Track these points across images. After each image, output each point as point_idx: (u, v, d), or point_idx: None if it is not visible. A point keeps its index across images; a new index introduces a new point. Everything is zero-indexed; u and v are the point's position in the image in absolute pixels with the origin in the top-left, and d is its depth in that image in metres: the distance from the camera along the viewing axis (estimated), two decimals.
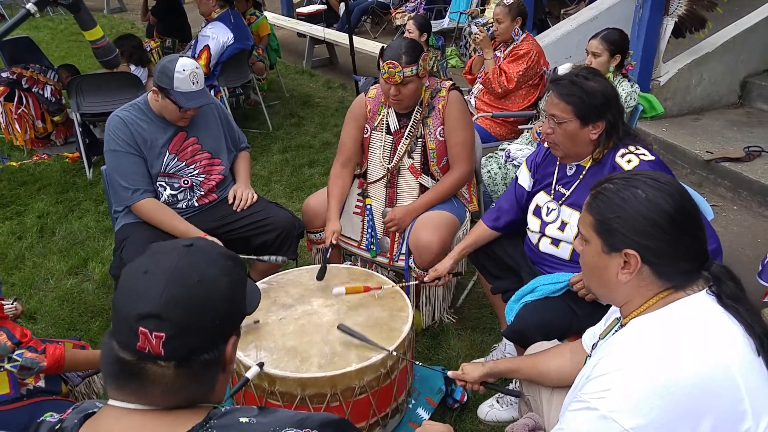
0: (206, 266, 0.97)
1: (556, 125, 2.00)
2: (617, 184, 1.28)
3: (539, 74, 3.96)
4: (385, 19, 9.36)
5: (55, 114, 5.05)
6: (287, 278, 2.38)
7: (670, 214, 1.21)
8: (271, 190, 4.47)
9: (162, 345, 0.90)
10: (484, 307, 3.01)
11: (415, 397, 2.30)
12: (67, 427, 0.97)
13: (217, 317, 0.95)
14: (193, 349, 0.93)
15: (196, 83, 2.51)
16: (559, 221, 2.13)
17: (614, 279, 1.27)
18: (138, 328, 0.90)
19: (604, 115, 1.96)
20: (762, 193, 3.93)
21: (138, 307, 0.91)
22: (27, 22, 10.54)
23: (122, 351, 0.92)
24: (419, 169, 2.73)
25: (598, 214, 1.29)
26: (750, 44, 5.16)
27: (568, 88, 1.96)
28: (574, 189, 2.10)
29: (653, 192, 1.23)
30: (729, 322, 1.18)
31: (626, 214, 1.23)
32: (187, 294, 0.93)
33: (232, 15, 5.12)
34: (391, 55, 2.51)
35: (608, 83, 2.01)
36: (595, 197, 1.31)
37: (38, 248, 3.72)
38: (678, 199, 1.23)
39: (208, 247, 1.03)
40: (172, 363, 0.92)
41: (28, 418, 1.79)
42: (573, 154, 2.07)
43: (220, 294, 0.96)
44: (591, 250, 1.31)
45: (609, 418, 1.12)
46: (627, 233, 1.23)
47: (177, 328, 0.91)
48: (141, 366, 0.91)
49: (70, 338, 2.45)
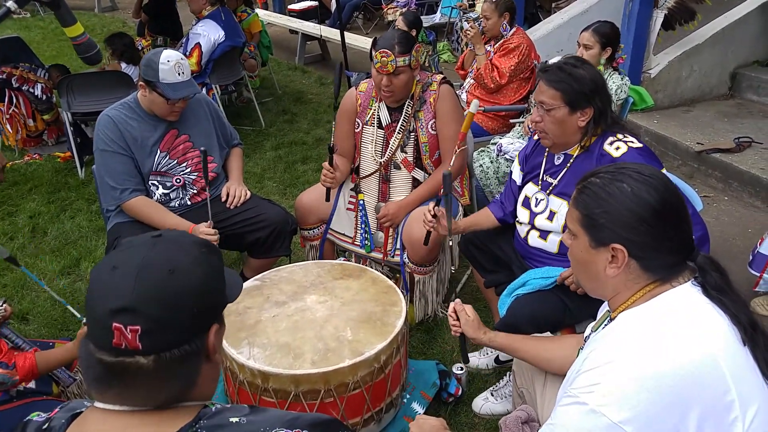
0: (177, 255, 0.95)
1: (545, 112, 2.01)
2: (603, 178, 1.28)
3: (530, 68, 3.97)
4: (376, 14, 9.34)
5: (45, 112, 5.03)
6: (280, 275, 2.38)
7: (654, 207, 1.21)
8: (264, 187, 4.46)
9: (138, 338, 0.88)
10: (477, 300, 3.01)
11: (410, 391, 2.31)
12: (54, 427, 0.96)
13: (195, 306, 0.93)
14: (171, 341, 0.91)
15: (181, 74, 2.51)
16: (548, 211, 2.13)
17: (602, 273, 1.28)
18: (111, 324, 0.88)
19: (593, 102, 1.97)
20: (752, 183, 3.95)
21: (109, 303, 0.89)
22: (17, 22, 10.49)
23: (100, 352, 0.90)
24: (412, 163, 2.73)
25: (584, 209, 1.29)
26: (739, 36, 5.18)
27: (556, 75, 1.98)
28: (561, 177, 2.10)
29: (638, 186, 1.23)
30: (714, 313, 1.19)
31: (612, 208, 1.23)
32: (159, 285, 0.90)
33: (223, 12, 5.10)
34: (384, 45, 2.51)
35: (596, 71, 2.02)
36: (581, 192, 1.31)
37: (30, 248, 3.70)
38: (662, 192, 1.23)
39: (179, 236, 1.00)
40: (151, 357, 0.89)
41: (18, 419, 1.79)
42: (562, 143, 2.07)
43: (195, 282, 0.94)
44: (579, 244, 1.32)
45: (598, 412, 1.13)
46: (613, 228, 1.23)
47: (152, 320, 0.89)
48: (120, 364, 0.89)
49: (63, 338, 2.44)
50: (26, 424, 1.00)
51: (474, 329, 1.85)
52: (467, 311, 1.87)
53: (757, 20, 5.24)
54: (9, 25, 10.26)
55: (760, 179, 3.89)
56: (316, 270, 2.41)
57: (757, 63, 5.36)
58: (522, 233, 2.24)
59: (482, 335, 1.84)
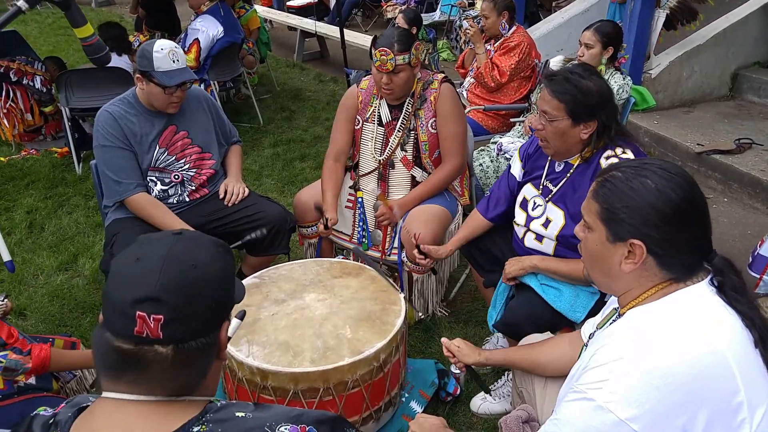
0: (198, 252, 0.99)
1: (547, 122, 1.98)
2: (626, 172, 1.25)
3: (531, 66, 3.96)
4: (375, 12, 9.33)
5: (46, 104, 4.99)
6: (279, 273, 2.37)
7: (678, 205, 1.19)
8: (263, 184, 4.44)
9: (161, 328, 0.91)
10: (476, 300, 3.01)
11: (408, 390, 2.30)
12: (60, 421, 0.97)
13: (213, 301, 0.97)
14: (190, 332, 0.94)
15: (176, 61, 2.50)
16: (544, 218, 2.12)
17: (616, 268, 1.26)
18: (135, 312, 0.90)
19: (597, 115, 1.93)
20: (752, 185, 3.95)
21: (134, 293, 0.91)
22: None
23: (118, 340, 0.92)
24: (411, 161, 2.72)
25: (605, 203, 1.25)
26: (741, 37, 5.18)
27: (562, 86, 1.93)
28: (560, 186, 2.09)
29: (663, 182, 1.20)
30: (727, 314, 1.18)
31: (635, 203, 1.21)
32: (183, 277, 0.94)
33: (222, 8, 5.08)
34: (383, 43, 2.50)
35: (604, 82, 1.97)
36: (602, 185, 1.27)
37: (27, 244, 3.68)
38: (687, 191, 1.20)
39: (197, 235, 1.05)
40: (170, 347, 0.92)
41: (18, 414, 1.78)
42: (562, 152, 2.05)
43: (214, 278, 0.98)
44: (595, 237, 1.29)
45: (605, 409, 1.12)
46: (634, 223, 1.21)
47: (175, 311, 0.92)
48: (138, 352, 0.92)
49: (61, 334, 2.42)
50: (33, 418, 1.01)
51: (471, 355, 1.90)
52: (455, 343, 1.92)
53: (758, 21, 5.23)
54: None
55: (760, 181, 3.89)
56: (316, 268, 2.40)
57: (758, 64, 5.36)
58: (519, 234, 2.23)
59: (480, 357, 1.89)
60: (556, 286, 2.08)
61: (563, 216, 2.06)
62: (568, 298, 2.05)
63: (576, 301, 2.05)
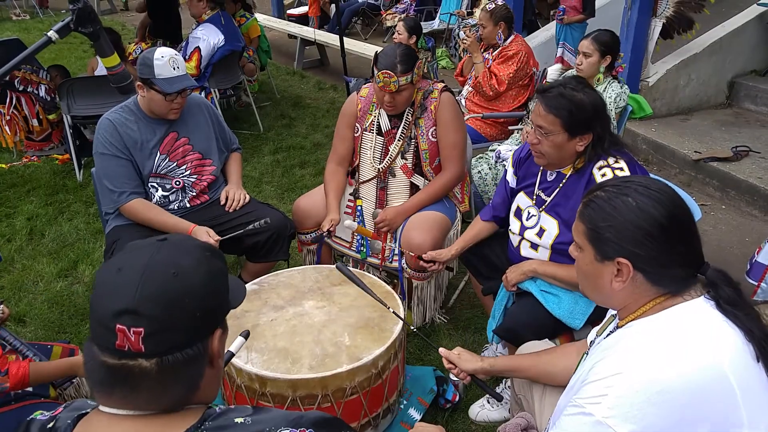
0: (181, 258, 0.95)
1: (543, 136, 1.99)
2: (608, 192, 1.27)
3: (529, 75, 3.98)
4: (375, 20, 9.38)
5: (50, 112, 5.02)
6: (278, 279, 2.38)
7: (660, 222, 1.20)
8: (263, 191, 4.46)
9: (142, 341, 0.87)
10: (475, 307, 3.01)
11: (407, 397, 2.30)
12: (60, 427, 0.96)
13: (198, 310, 0.93)
14: (175, 344, 0.90)
15: (176, 68, 2.53)
16: (538, 227, 2.14)
17: (608, 286, 1.27)
18: (115, 325, 0.87)
19: (593, 128, 1.96)
20: (750, 192, 3.96)
21: (113, 305, 0.89)
22: (17, 24, 10.48)
23: (103, 354, 0.90)
24: (411, 169, 2.74)
25: (589, 223, 1.28)
26: (737, 45, 5.21)
27: (557, 100, 1.94)
28: (554, 197, 2.10)
29: (644, 200, 1.22)
30: (727, 328, 1.17)
31: (617, 222, 1.23)
32: (163, 287, 0.90)
33: (223, 17, 5.12)
34: (386, 65, 2.49)
35: (597, 94, 2.00)
36: (587, 205, 1.30)
37: (27, 251, 3.69)
38: (668, 207, 1.21)
39: (183, 240, 1.01)
40: (154, 360, 0.89)
41: (15, 421, 1.77)
42: (556, 163, 2.07)
43: (198, 286, 0.94)
44: (585, 257, 1.31)
45: (604, 424, 1.12)
46: (618, 242, 1.22)
47: (156, 322, 0.88)
48: (124, 367, 0.89)
49: (60, 341, 2.43)
50: (30, 422, 0.99)
51: (472, 363, 1.83)
52: (455, 351, 1.86)
53: (755, 30, 5.27)
54: (9, 27, 10.28)
55: (758, 188, 3.91)
56: (315, 275, 2.41)
57: (754, 72, 5.39)
58: (514, 243, 2.24)
59: (482, 364, 1.82)
60: (555, 293, 2.09)
61: (557, 225, 2.08)
62: (567, 304, 2.06)
63: (575, 308, 2.06)
